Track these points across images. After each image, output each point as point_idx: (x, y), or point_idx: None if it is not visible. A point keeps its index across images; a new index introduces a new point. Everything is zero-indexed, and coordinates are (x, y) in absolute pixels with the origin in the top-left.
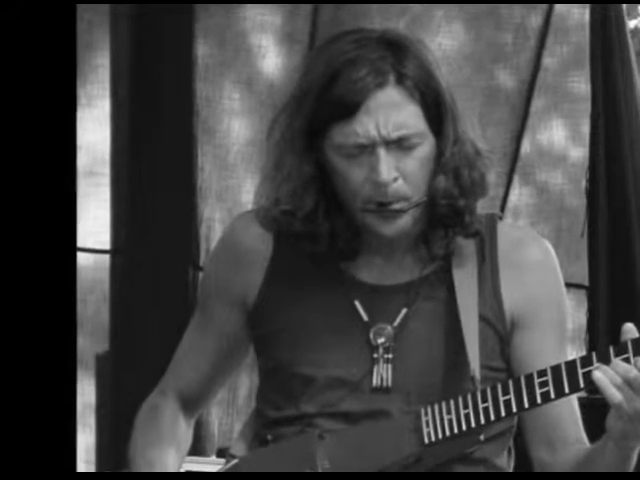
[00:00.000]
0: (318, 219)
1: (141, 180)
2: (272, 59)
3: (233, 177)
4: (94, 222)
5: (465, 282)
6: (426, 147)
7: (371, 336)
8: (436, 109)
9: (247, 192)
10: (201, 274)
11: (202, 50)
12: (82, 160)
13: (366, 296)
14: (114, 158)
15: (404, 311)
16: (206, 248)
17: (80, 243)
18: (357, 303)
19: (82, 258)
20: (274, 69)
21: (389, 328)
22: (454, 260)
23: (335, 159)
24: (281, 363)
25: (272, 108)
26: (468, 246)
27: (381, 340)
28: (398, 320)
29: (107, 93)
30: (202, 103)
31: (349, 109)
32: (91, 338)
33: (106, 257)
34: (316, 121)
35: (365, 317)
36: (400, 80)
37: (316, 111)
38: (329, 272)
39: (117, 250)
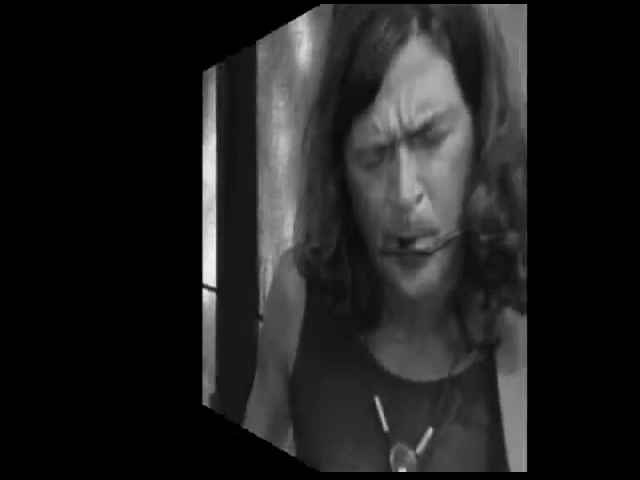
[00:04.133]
0: (343, 263)
1: (226, 218)
2: (306, 45)
3: (279, 206)
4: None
5: (520, 392)
6: (458, 137)
7: (391, 460)
8: (476, 65)
9: (289, 225)
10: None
11: (261, 55)
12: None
13: (388, 393)
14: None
15: (429, 432)
16: (263, 294)
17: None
18: (377, 400)
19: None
20: (308, 59)
21: (411, 455)
22: (500, 350)
23: (356, 172)
24: (314, 460)
25: (305, 112)
26: (525, 327)
27: (402, 470)
28: (422, 445)
29: (214, 127)
30: (260, 119)
31: (368, 90)
32: None
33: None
34: (340, 120)
35: (385, 426)
36: (425, 23)
37: (340, 105)
38: (352, 345)
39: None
